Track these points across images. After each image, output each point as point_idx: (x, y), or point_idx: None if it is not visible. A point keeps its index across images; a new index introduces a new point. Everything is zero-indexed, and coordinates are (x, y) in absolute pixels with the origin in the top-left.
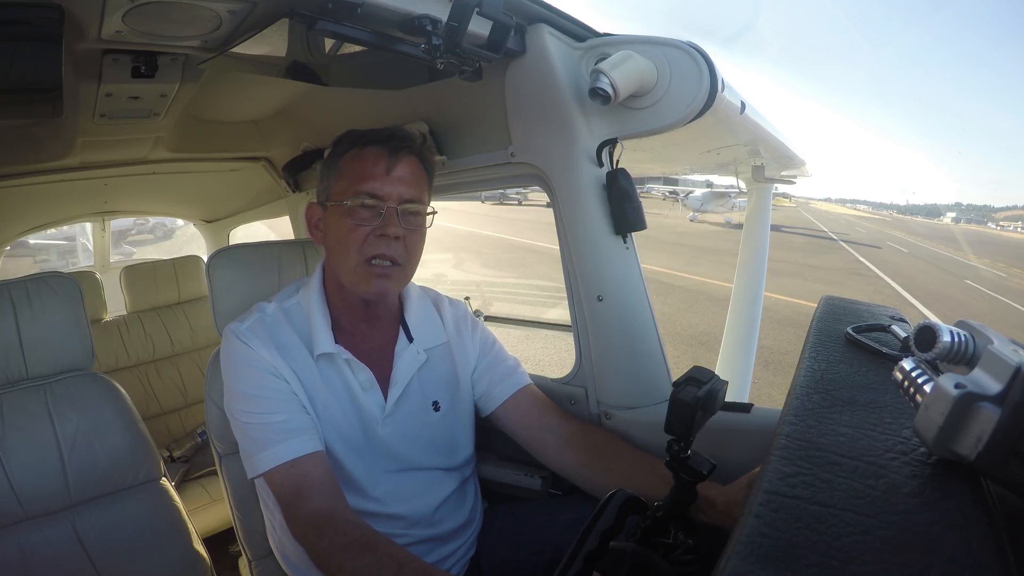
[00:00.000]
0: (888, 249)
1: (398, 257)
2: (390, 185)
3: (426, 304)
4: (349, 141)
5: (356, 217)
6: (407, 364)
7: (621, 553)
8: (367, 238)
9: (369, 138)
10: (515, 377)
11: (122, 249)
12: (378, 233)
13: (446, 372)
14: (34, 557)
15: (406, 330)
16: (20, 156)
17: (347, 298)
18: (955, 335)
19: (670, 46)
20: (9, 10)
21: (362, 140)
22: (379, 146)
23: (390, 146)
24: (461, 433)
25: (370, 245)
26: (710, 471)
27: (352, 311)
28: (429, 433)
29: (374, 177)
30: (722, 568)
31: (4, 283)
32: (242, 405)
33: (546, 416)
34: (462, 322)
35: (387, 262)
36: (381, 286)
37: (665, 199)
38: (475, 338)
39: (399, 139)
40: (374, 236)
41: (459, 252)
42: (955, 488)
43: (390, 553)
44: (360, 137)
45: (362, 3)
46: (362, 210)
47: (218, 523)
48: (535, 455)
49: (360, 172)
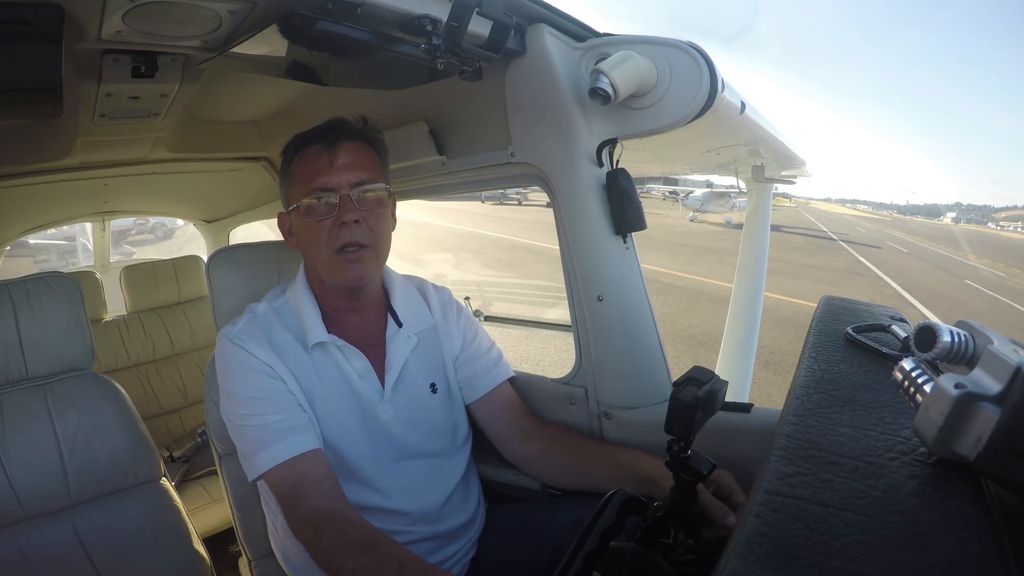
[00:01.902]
0: (888, 249)
1: (364, 240)
2: (336, 175)
3: (411, 290)
4: (294, 146)
5: (315, 214)
6: (400, 348)
7: (621, 553)
8: (330, 231)
9: (308, 138)
10: (497, 371)
11: (122, 249)
12: (338, 223)
13: (437, 354)
14: (34, 557)
15: (394, 316)
16: (20, 156)
17: (330, 292)
18: (955, 335)
19: (670, 46)
20: (9, 10)
21: (304, 142)
22: (318, 143)
23: (327, 139)
24: (458, 413)
25: (335, 236)
26: (710, 471)
27: (338, 303)
28: (430, 416)
29: (319, 172)
30: (722, 568)
31: (4, 283)
32: (239, 408)
33: (518, 412)
34: (448, 306)
35: (355, 247)
36: (357, 271)
37: (665, 199)
38: (460, 324)
39: (336, 130)
40: (336, 227)
41: (459, 252)
42: (955, 488)
43: (391, 552)
44: (302, 140)
45: (362, 3)
46: (318, 206)
47: (218, 523)
48: (499, 446)
49: (307, 172)
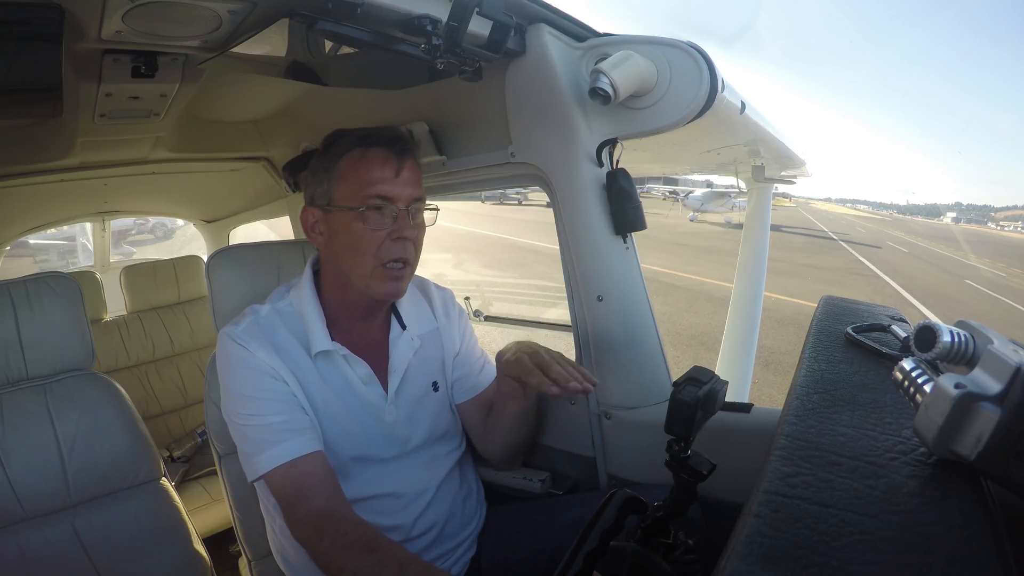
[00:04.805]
0: (888, 249)
1: (410, 258)
2: (400, 187)
3: (413, 291)
4: (347, 143)
5: (369, 221)
6: (403, 351)
7: (621, 553)
8: (383, 242)
9: (372, 140)
10: (485, 373)
11: (122, 249)
12: (394, 236)
13: (439, 355)
14: (34, 557)
15: (399, 318)
16: (20, 156)
17: (350, 298)
18: (955, 335)
19: (670, 46)
20: (9, 10)
21: (365, 142)
22: (385, 148)
23: (396, 148)
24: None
25: (386, 250)
26: (710, 471)
27: (352, 310)
28: (432, 413)
29: (384, 180)
30: (722, 568)
31: (4, 283)
32: (241, 407)
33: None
34: (450, 306)
35: (400, 264)
36: (395, 288)
37: (665, 199)
38: (460, 324)
39: (403, 141)
40: (390, 240)
41: (459, 252)
42: (955, 488)
43: (392, 553)
44: (362, 139)
45: (362, 3)
46: (374, 214)
47: (218, 523)
48: (475, 440)
49: (368, 175)
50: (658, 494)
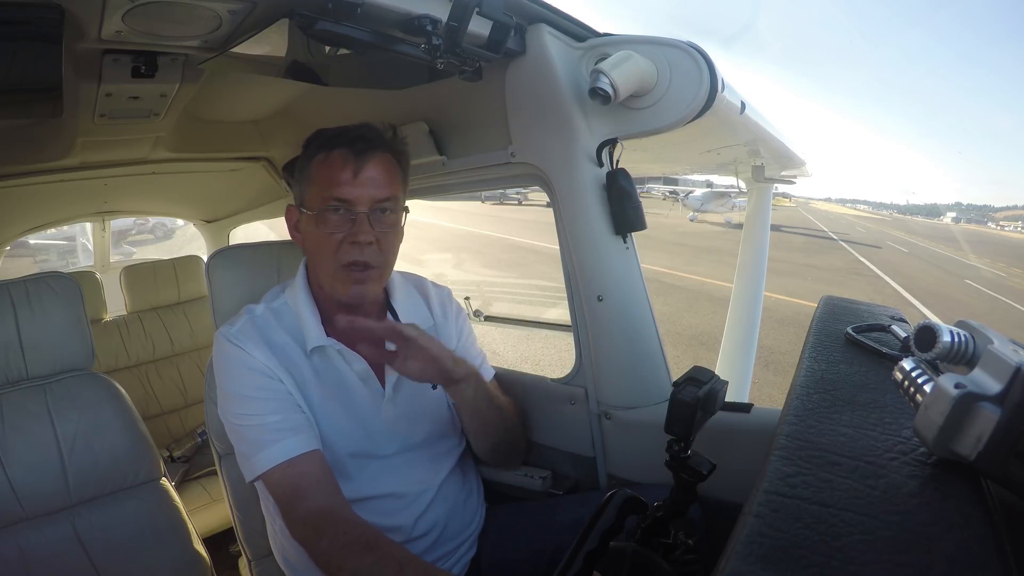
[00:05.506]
0: (888, 249)
1: (373, 260)
2: (359, 188)
3: (410, 290)
4: (318, 143)
5: (328, 224)
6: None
7: (621, 553)
8: (340, 245)
9: (336, 140)
10: (482, 372)
11: (122, 249)
12: (350, 240)
13: None
14: (34, 557)
15: (395, 316)
16: (20, 156)
17: (327, 297)
18: (955, 335)
19: (670, 46)
20: (9, 10)
21: (330, 143)
22: (345, 148)
23: (356, 148)
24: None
25: (344, 252)
26: (710, 471)
27: (338, 308)
28: (431, 410)
29: (342, 182)
30: (722, 568)
31: (4, 283)
32: (237, 407)
33: None
34: (447, 303)
35: (361, 267)
36: (357, 291)
37: (665, 199)
38: (458, 322)
39: (366, 139)
40: (347, 243)
41: (459, 252)
42: (955, 488)
43: (391, 552)
44: (328, 139)
45: (362, 3)
46: (333, 216)
47: (218, 523)
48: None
49: (328, 177)
50: (658, 494)
